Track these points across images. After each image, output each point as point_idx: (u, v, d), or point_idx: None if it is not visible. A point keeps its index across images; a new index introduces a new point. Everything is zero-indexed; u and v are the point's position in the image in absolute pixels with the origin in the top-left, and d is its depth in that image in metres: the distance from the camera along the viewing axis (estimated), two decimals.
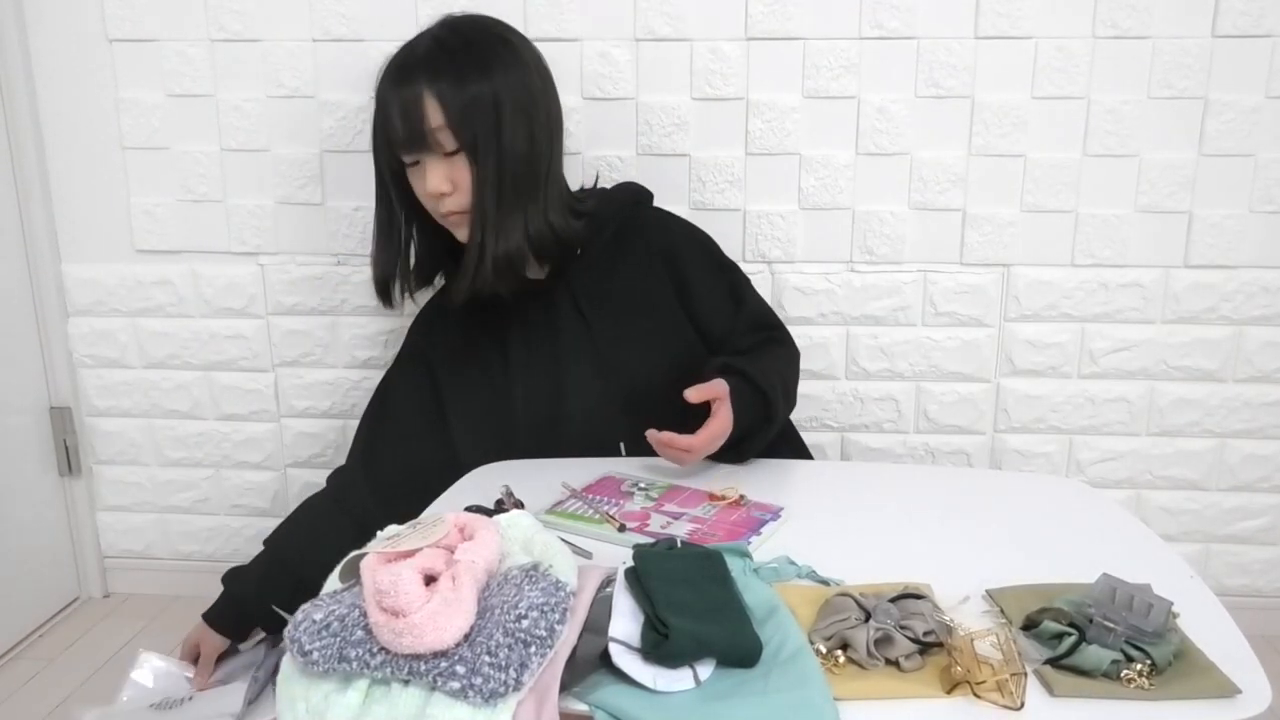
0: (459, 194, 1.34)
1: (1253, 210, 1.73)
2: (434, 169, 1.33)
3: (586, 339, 1.45)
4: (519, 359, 1.46)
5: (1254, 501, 1.87)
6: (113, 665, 1.82)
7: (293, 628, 0.80)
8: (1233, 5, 1.64)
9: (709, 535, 1.05)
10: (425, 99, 1.30)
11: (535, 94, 1.38)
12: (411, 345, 1.60)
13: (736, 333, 1.49)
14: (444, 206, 1.36)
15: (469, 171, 1.33)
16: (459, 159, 1.33)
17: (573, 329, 1.46)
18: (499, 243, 1.34)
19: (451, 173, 1.33)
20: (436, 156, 1.33)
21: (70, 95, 1.84)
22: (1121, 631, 0.79)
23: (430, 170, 1.33)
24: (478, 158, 1.32)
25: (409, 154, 1.35)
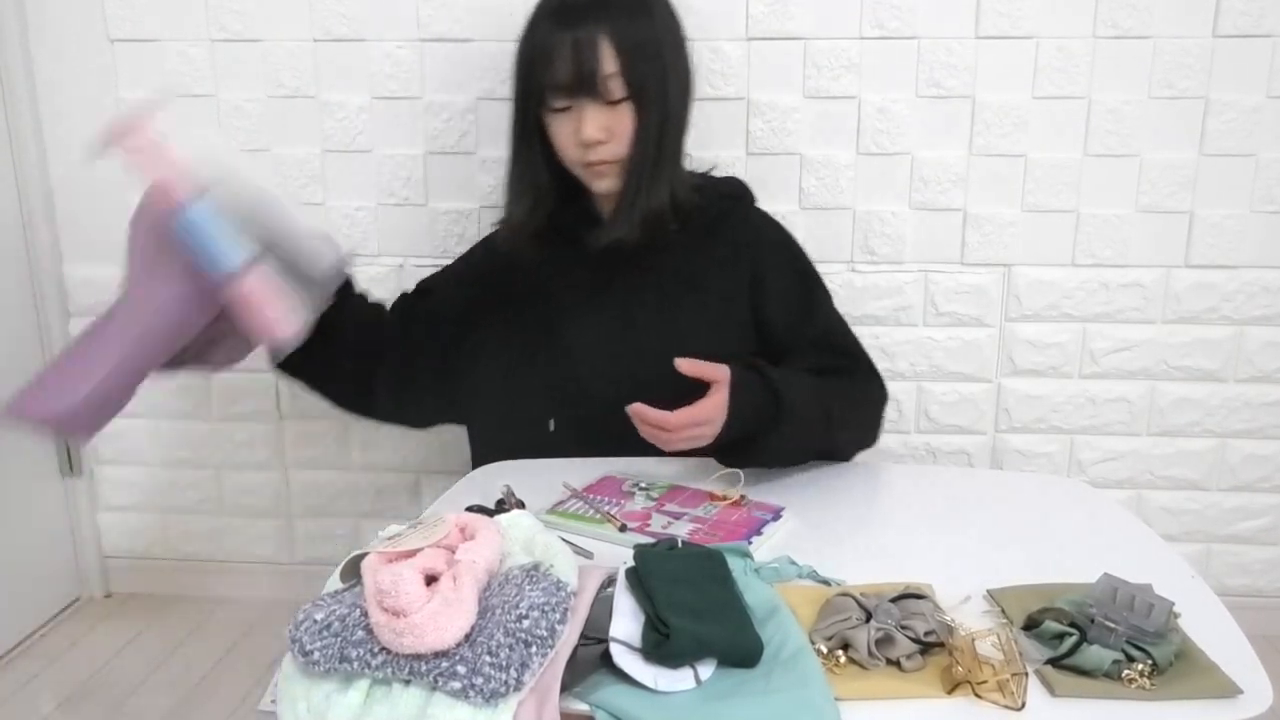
0: (614, 143, 1.29)
1: (1254, 210, 1.73)
2: (593, 116, 1.27)
3: (657, 313, 1.39)
4: (583, 314, 1.40)
5: (1255, 501, 1.87)
6: (114, 665, 1.82)
7: (294, 627, 0.80)
8: (1233, 5, 1.64)
9: (710, 535, 1.04)
10: (600, 42, 1.24)
11: (684, 42, 1.34)
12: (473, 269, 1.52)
13: (801, 346, 1.40)
14: (594, 155, 1.30)
15: (630, 120, 1.28)
16: (621, 107, 1.28)
17: (649, 300, 1.40)
18: (650, 197, 1.31)
19: (609, 120, 1.28)
20: (598, 103, 1.27)
21: (72, 95, 1.85)
22: (1123, 632, 0.79)
23: (589, 117, 1.27)
24: (643, 106, 1.28)
25: (567, 99, 1.28)
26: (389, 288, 1.86)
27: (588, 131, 1.27)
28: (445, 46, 1.76)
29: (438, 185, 1.82)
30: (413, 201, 1.83)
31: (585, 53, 1.24)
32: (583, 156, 1.31)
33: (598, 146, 1.29)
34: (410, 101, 1.79)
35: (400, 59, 1.77)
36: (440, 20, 1.74)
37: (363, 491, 2.00)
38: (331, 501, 2.02)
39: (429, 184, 1.82)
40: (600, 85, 1.26)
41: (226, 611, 2.02)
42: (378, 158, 1.82)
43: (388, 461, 1.98)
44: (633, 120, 1.29)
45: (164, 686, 1.75)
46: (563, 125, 1.30)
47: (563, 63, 1.25)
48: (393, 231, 1.85)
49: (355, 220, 1.85)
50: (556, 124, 1.31)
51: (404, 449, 1.96)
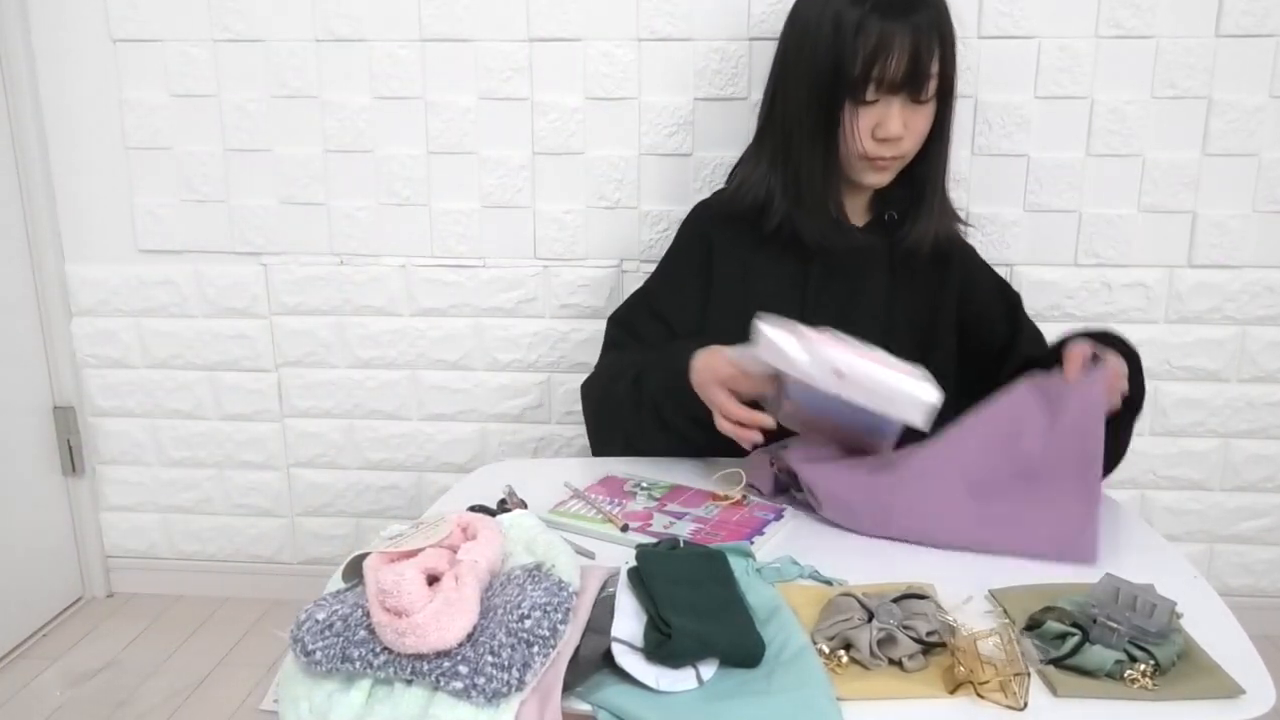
0: (907, 140, 1.27)
1: (1256, 210, 1.72)
2: (900, 112, 1.24)
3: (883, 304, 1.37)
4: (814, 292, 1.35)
5: (1258, 501, 1.86)
6: (116, 665, 1.82)
7: (296, 627, 0.80)
8: (1236, 5, 1.63)
9: (711, 535, 1.04)
10: (933, 39, 1.22)
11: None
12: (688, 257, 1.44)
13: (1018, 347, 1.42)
14: (888, 150, 1.27)
15: (926, 118, 1.27)
16: (925, 105, 1.26)
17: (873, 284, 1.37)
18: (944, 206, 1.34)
19: (909, 116, 1.25)
20: (906, 101, 1.24)
21: (74, 95, 1.85)
22: (1125, 632, 0.79)
23: (897, 113, 1.24)
24: (946, 106, 1.28)
25: (880, 93, 1.24)
26: (391, 288, 1.87)
27: (894, 129, 1.24)
28: (447, 46, 1.76)
29: (440, 185, 1.82)
30: (415, 201, 1.83)
31: (923, 49, 1.21)
32: (875, 151, 1.27)
33: (895, 143, 1.26)
34: (412, 101, 1.79)
35: (402, 59, 1.77)
36: (442, 20, 1.74)
37: (364, 491, 2.01)
38: (333, 501, 2.02)
39: (431, 184, 1.82)
40: (924, 84, 1.23)
41: (228, 611, 2.02)
42: (379, 157, 1.82)
43: (389, 461, 1.98)
44: (929, 119, 1.27)
45: (166, 686, 1.76)
46: (864, 118, 1.25)
47: (900, 58, 1.20)
48: (395, 232, 1.85)
49: (356, 220, 1.85)
50: (859, 115, 1.25)
51: (406, 449, 1.97)
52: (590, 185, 1.79)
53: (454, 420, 1.94)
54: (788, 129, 1.31)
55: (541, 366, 1.89)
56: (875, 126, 1.25)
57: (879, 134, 1.26)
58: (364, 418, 1.96)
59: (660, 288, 1.45)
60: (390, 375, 1.93)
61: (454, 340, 1.89)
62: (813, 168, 1.30)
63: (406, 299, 1.88)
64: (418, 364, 1.91)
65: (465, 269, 1.86)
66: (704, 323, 1.39)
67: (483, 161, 1.81)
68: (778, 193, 1.33)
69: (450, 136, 1.80)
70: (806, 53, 1.27)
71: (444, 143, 1.80)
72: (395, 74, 1.78)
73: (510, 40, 1.74)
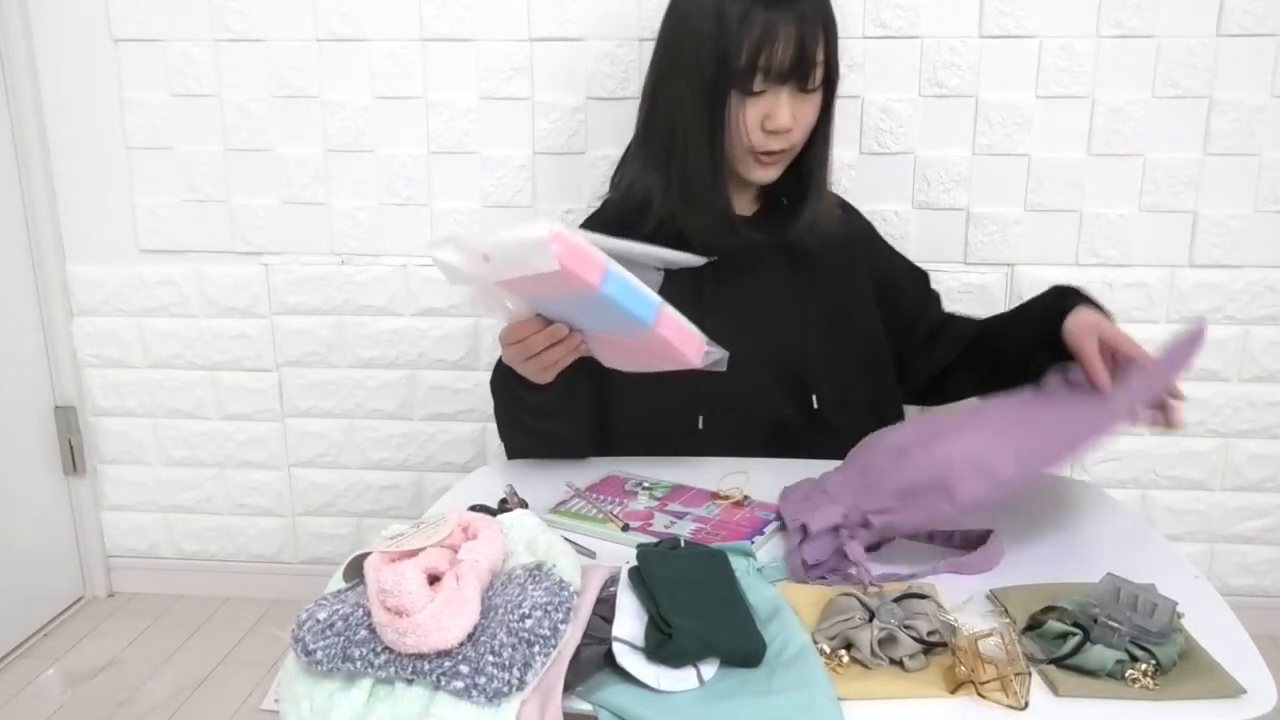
0: (795, 131, 1.24)
1: (1258, 210, 1.72)
2: (788, 103, 1.21)
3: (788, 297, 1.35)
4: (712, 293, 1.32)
5: (1259, 501, 1.86)
6: (117, 664, 1.83)
7: (297, 627, 0.80)
8: (1237, 4, 1.63)
9: (712, 535, 1.04)
10: (818, 28, 1.20)
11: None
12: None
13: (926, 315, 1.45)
14: (775, 143, 1.24)
15: (813, 109, 1.25)
16: (811, 95, 1.23)
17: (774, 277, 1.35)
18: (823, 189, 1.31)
19: (797, 108, 1.23)
20: (795, 91, 1.22)
21: (75, 95, 1.85)
22: (1126, 631, 0.79)
23: (785, 104, 1.21)
24: (830, 95, 1.26)
25: (771, 84, 1.21)
26: (392, 288, 1.87)
27: (783, 120, 1.21)
28: (448, 46, 1.76)
29: (441, 185, 1.82)
30: (415, 201, 1.83)
31: (809, 38, 1.18)
32: (763, 144, 1.24)
33: (783, 135, 1.24)
34: (413, 101, 1.79)
35: (403, 58, 1.77)
36: (442, 19, 1.74)
37: (365, 491, 2.01)
38: (334, 501, 2.02)
39: (432, 183, 1.82)
40: (810, 73, 1.21)
41: (229, 611, 2.02)
42: (380, 157, 1.82)
43: (390, 461, 1.98)
44: (815, 109, 1.25)
45: (167, 685, 1.76)
46: (751, 110, 1.22)
47: (786, 47, 1.18)
48: (396, 231, 1.85)
49: (357, 220, 1.85)
50: (746, 107, 1.22)
51: (406, 449, 1.97)
52: (590, 185, 1.79)
53: (455, 420, 1.94)
54: (670, 126, 1.26)
55: None
56: (764, 118, 1.22)
57: (768, 125, 1.22)
58: (365, 417, 1.96)
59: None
60: (391, 375, 1.93)
61: (454, 340, 1.89)
62: (700, 164, 1.25)
63: (407, 299, 1.88)
64: (418, 364, 1.91)
65: None
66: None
67: (483, 161, 1.81)
68: (658, 193, 1.28)
69: (451, 136, 1.80)
70: (689, 45, 1.23)
71: (445, 142, 1.80)
72: (396, 74, 1.78)
73: (511, 40, 1.74)
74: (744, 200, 1.36)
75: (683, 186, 1.27)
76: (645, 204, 1.30)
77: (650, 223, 1.29)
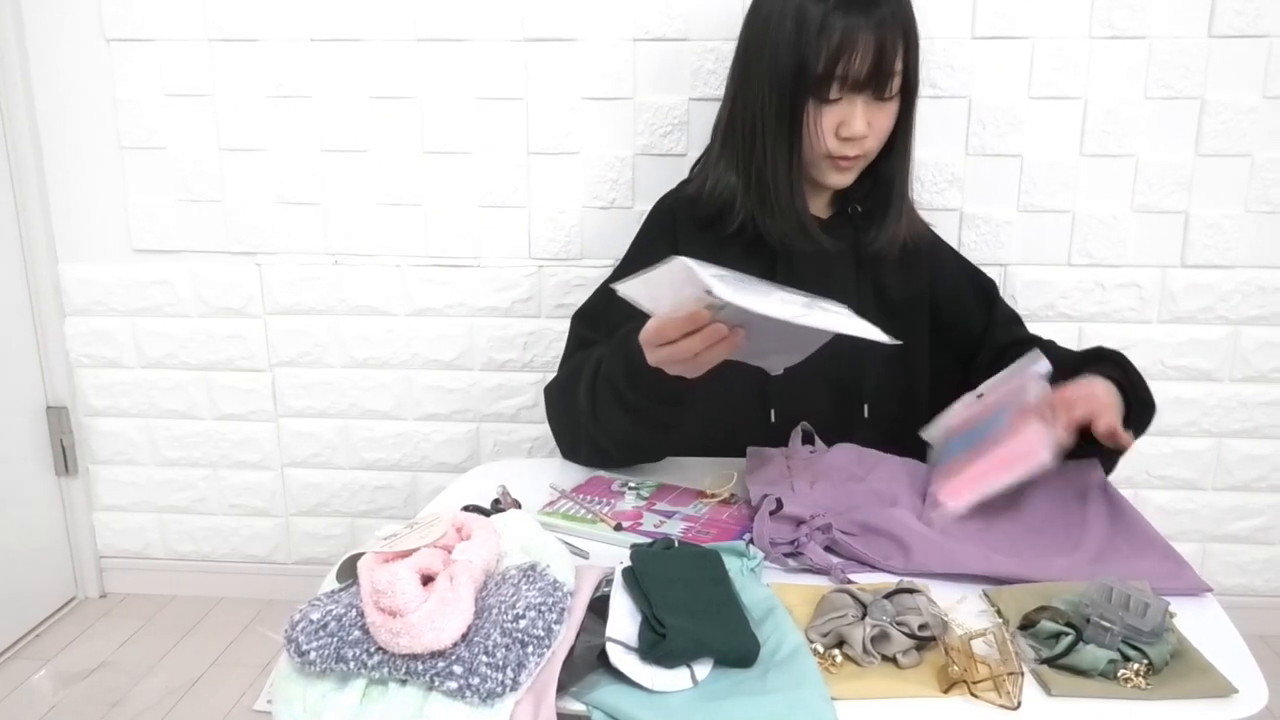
0: (871, 139, 1.24)
1: (1249, 210, 1.73)
2: (864, 110, 1.22)
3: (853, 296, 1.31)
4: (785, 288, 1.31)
5: (1251, 501, 1.87)
6: (110, 665, 1.82)
7: (290, 627, 0.80)
8: (1229, 5, 1.64)
9: (703, 534, 1.04)
10: (898, 35, 1.19)
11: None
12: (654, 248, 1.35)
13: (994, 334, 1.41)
14: (851, 150, 1.24)
15: (890, 116, 1.25)
16: (889, 103, 1.24)
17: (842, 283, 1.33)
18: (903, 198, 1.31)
19: (873, 115, 1.23)
20: (870, 99, 1.22)
21: (68, 95, 1.84)
22: (1118, 631, 0.79)
23: (861, 112, 1.21)
24: (909, 104, 1.26)
25: (844, 91, 1.21)
26: (386, 288, 1.87)
27: (858, 127, 1.22)
28: (442, 46, 1.75)
29: (435, 185, 1.82)
30: (410, 201, 1.83)
31: (888, 48, 1.18)
32: (838, 150, 1.25)
33: (859, 142, 1.24)
34: (407, 101, 1.78)
35: (397, 59, 1.77)
36: (437, 20, 1.74)
37: (359, 491, 2.00)
38: (328, 501, 2.02)
39: (426, 184, 1.82)
40: (887, 82, 1.21)
41: (222, 611, 2.02)
42: (374, 157, 1.82)
43: (384, 461, 1.98)
44: (893, 116, 1.25)
45: (160, 686, 1.75)
46: (828, 116, 1.23)
47: (864, 55, 1.18)
48: (390, 231, 1.85)
49: (352, 220, 1.85)
50: (823, 114, 1.23)
51: (400, 449, 1.96)
52: (585, 185, 1.79)
53: (449, 420, 1.94)
54: (750, 129, 1.28)
55: (536, 366, 1.89)
56: (839, 125, 1.23)
57: (843, 133, 1.23)
58: (359, 418, 1.95)
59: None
60: (385, 375, 1.92)
61: (449, 340, 1.89)
62: (777, 169, 1.26)
63: (401, 299, 1.88)
64: (412, 364, 1.91)
65: (460, 269, 1.85)
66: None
67: (478, 161, 1.80)
68: (739, 194, 1.30)
69: (445, 136, 1.79)
70: (768, 50, 1.23)
71: (439, 142, 1.80)
72: (390, 74, 1.77)
73: (505, 40, 1.74)
74: (819, 203, 1.36)
75: (760, 189, 1.28)
76: (729, 204, 1.31)
77: (733, 223, 1.31)
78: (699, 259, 1.16)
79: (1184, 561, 0.98)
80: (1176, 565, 0.98)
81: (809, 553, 0.99)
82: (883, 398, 1.34)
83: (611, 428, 1.19)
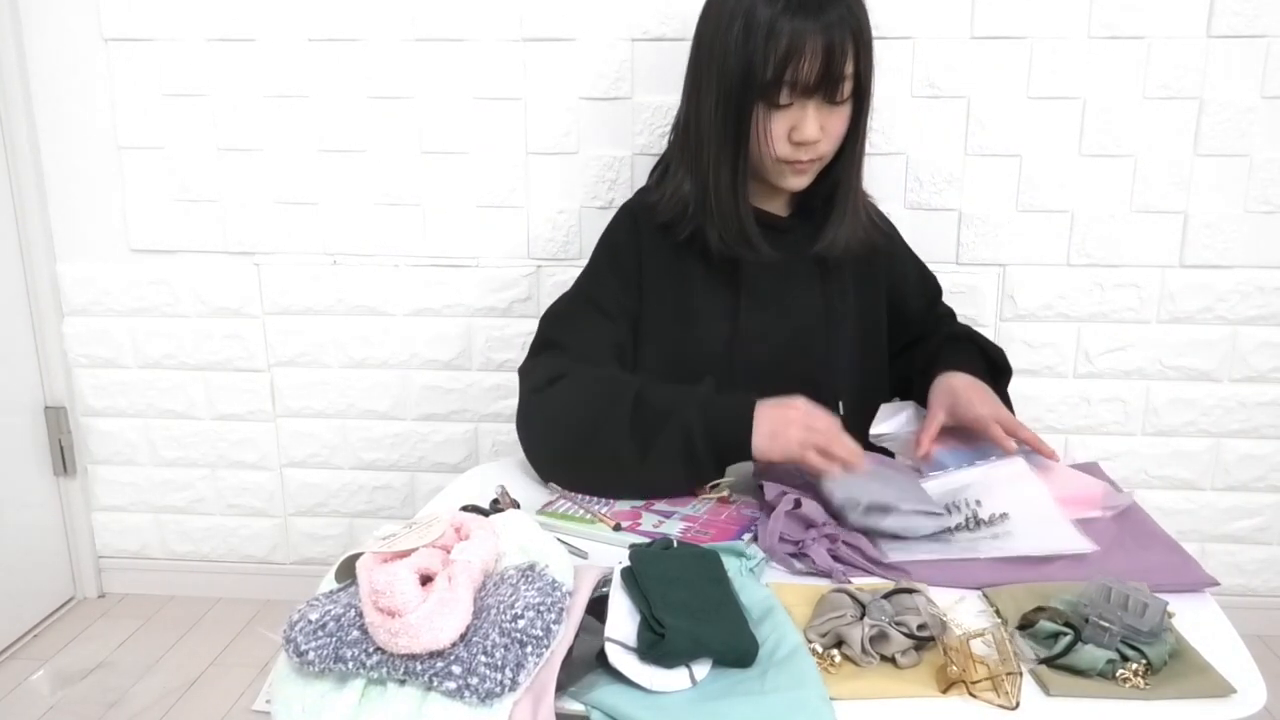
0: (824, 142, 1.23)
1: (1248, 210, 1.73)
2: (815, 115, 1.20)
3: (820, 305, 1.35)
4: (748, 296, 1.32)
5: (1249, 501, 1.87)
6: (108, 665, 1.82)
7: (289, 628, 0.80)
8: (1227, 5, 1.64)
9: (701, 534, 1.04)
10: (847, 41, 1.18)
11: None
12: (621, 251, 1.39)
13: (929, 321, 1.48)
14: (804, 154, 1.23)
15: (844, 120, 1.24)
16: (841, 106, 1.22)
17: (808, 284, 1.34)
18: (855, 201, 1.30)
19: (825, 119, 1.22)
20: (821, 103, 1.21)
21: (66, 94, 1.84)
22: (1117, 631, 0.79)
23: (813, 116, 1.20)
24: (861, 107, 1.24)
25: (795, 97, 1.20)
26: (384, 288, 1.87)
27: (810, 132, 1.21)
28: (440, 46, 1.75)
29: (433, 185, 1.82)
30: (408, 201, 1.83)
31: (836, 52, 1.17)
32: (791, 154, 1.24)
33: (811, 146, 1.23)
34: (405, 101, 1.78)
35: (395, 58, 1.77)
36: (435, 20, 1.74)
37: (357, 491, 2.00)
38: (326, 501, 2.02)
39: (424, 184, 1.82)
40: (838, 86, 1.20)
41: (221, 611, 2.02)
42: (372, 157, 1.82)
43: (382, 461, 1.98)
44: (847, 122, 1.24)
45: (158, 686, 1.75)
46: (779, 121, 1.22)
47: (813, 60, 1.16)
48: (388, 231, 1.85)
49: (350, 220, 1.85)
50: (773, 119, 1.22)
51: (399, 449, 1.96)
52: (584, 185, 1.79)
53: (447, 420, 1.94)
54: (700, 136, 1.26)
55: None
56: (791, 130, 1.22)
57: (795, 137, 1.22)
58: (357, 418, 1.95)
59: (595, 285, 1.38)
60: (383, 375, 1.92)
61: (447, 340, 1.89)
62: (720, 174, 1.25)
63: (400, 299, 1.88)
64: (411, 364, 1.91)
65: (458, 269, 1.85)
66: (642, 314, 1.34)
67: (476, 161, 1.80)
68: (691, 200, 1.29)
69: (443, 136, 1.79)
70: (718, 54, 1.21)
71: (437, 143, 1.80)
72: (388, 74, 1.77)
73: (503, 40, 1.74)
74: (778, 203, 1.36)
75: (702, 194, 1.27)
76: (682, 211, 1.30)
77: (686, 228, 1.30)
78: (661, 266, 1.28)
79: (1189, 556, 0.99)
80: (1182, 560, 0.98)
81: (813, 554, 0.99)
82: (856, 394, 1.35)
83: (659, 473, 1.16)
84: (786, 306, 1.34)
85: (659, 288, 1.34)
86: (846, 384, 1.35)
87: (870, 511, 1.05)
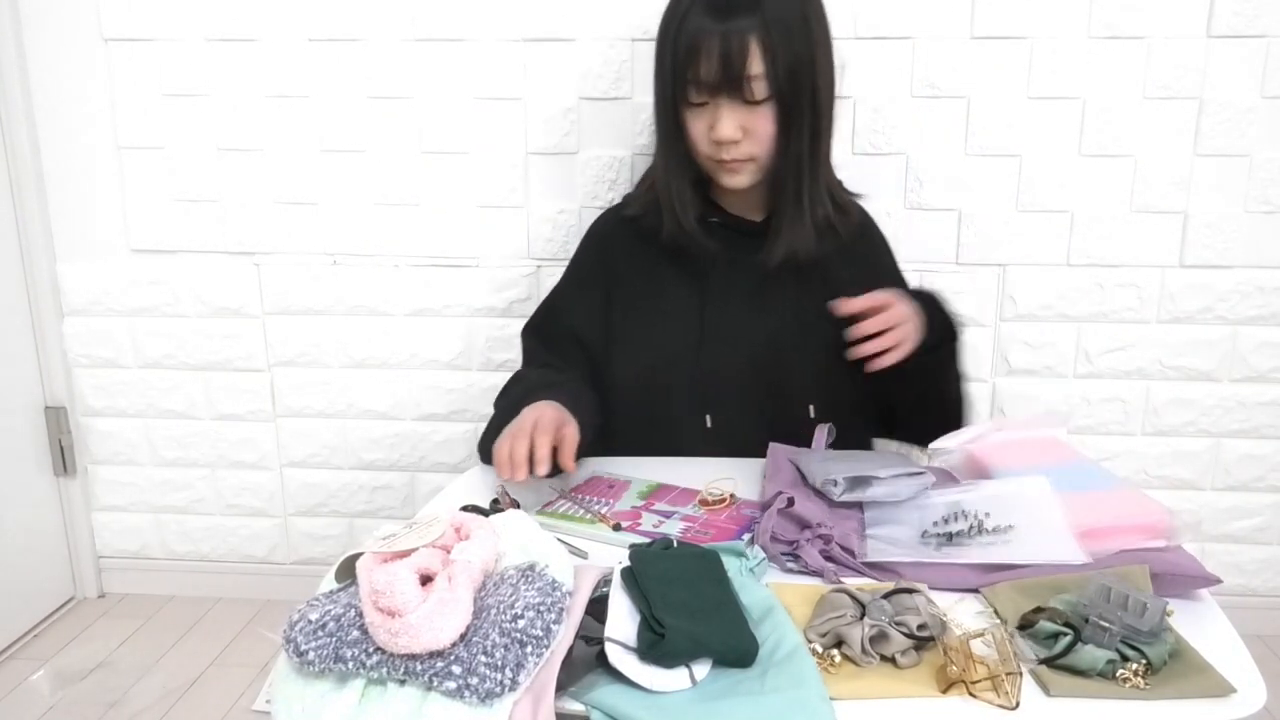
0: (749, 142, 1.25)
1: (1248, 210, 1.73)
2: (730, 115, 1.23)
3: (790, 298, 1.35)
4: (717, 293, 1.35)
5: (1249, 501, 1.87)
6: (108, 665, 1.82)
7: (288, 628, 0.80)
8: (1227, 5, 1.64)
9: (701, 534, 1.04)
10: (749, 41, 1.19)
11: (830, 39, 1.28)
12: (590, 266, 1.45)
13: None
14: (728, 153, 1.26)
15: (770, 121, 1.24)
16: (762, 107, 1.23)
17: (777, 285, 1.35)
18: (814, 204, 1.29)
19: (747, 119, 1.23)
20: (737, 102, 1.22)
21: (66, 95, 1.84)
22: (1117, 631, 0.79)
23: (726, 116, 1.23)
24: (787, 109, 1.24)
25: (706, 96, 1.23)
26: (384, 288, 1.87)
27: (724, 131, 1.23)
28: (440, 46, 1.75)
29: (433, 185, 1.82)
30: (408, 201, 1.83)
31: (733, 52, 1.19)
32: (716, 153, 1.27)
33: (732, 145, 1.25)
34: (405, 101, 1.78)
35: (395, 59, 1.77)
36: (435, 20, 1.74)
37: (357, 491, 2.00)
38: (326, 501, 2.02)
39: (423, 185, 1.82)
40: (744, 86, 1.21)
41: (221, 611, 2.02)
42: (372, 157, 1.82)
43: (382, 461, 1.98)
44: (774, 122, 1.25)
45: (158, 686, 1.75)
46: (698, 120, 1.26)
47: (708, 59, 1.20)
48: (388, 231, 1.85)
49: (350, 220, 1.85)
50: (692, 117, 1.26)
51: (399, 449, 1.96)
52: (583, 185, 1.79)
53: (447, 420, 1.94)
54: (656, 133, 1.33)
55: None
56: (710, 128, 1.25)
57: (712, 136, 1.25)
58: (357, 418, 1.95)
59: (563, 299, 1.44)
60: (383, 375, 1.92)
61: (447, 340, 1.89)
62: (666, 173, 1.32)
63: (400, 299, 1.88)
64: (411, 364, 1.91)
65: (458, 269, 1.85)
66: (609, 328, 1.38)
67: (476, 161, 1.80)
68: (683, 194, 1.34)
69: (443, 136, 1.79)
70: (656, 55, 1.28)
71: (437, 143, 1.80)
72: (388, 74, 1.77)
73: (503, 40, 1.74)
74: (751, 208, 1.37)
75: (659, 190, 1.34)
76: (654, 205, 1.36)
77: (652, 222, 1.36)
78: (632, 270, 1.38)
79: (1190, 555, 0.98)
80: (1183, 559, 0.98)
81: (805, 555, 0.99)
82: (828, 397, 1.34)
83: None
84: (756, 309, 1.35)
85: (628, 292, 1.39)
86: (817, 386, 1.34)
87: (854, 486, 1.07)
